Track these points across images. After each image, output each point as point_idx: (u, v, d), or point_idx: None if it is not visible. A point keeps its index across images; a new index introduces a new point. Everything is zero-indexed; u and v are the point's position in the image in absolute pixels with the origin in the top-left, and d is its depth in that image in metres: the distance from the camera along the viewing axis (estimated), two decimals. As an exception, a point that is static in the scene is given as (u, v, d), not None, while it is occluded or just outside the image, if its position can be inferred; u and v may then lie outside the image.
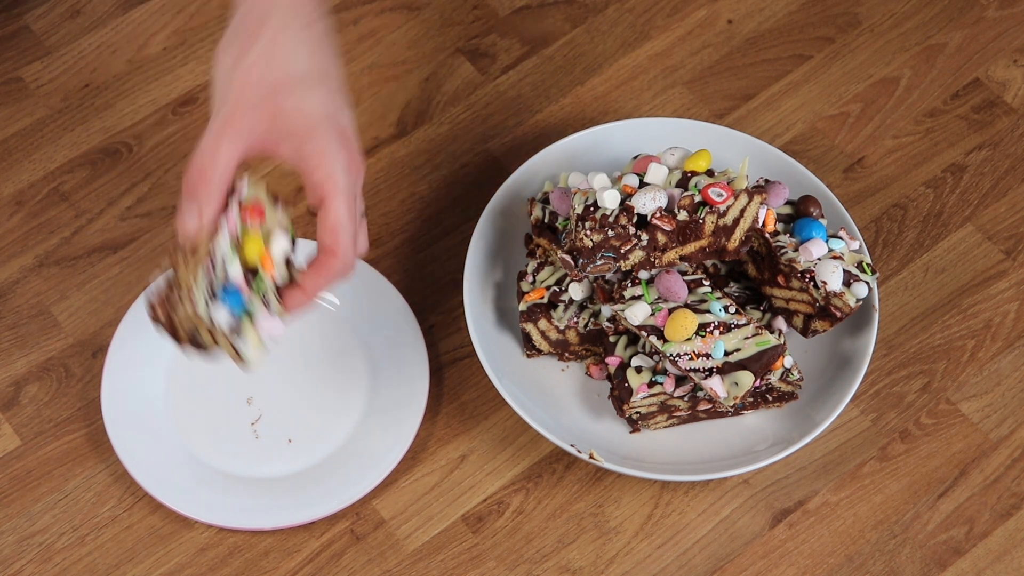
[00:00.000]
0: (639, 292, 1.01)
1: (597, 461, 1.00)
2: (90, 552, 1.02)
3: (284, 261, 0.94)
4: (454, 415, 1.07)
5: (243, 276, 0.91)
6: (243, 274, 0.91)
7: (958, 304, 1.12)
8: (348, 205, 0.91)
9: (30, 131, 1.18)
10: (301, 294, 0.92)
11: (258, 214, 0.93)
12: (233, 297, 0.90)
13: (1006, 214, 1.16)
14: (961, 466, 1.06)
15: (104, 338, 1.10)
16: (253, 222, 0.92)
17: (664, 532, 1.03)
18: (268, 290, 0.92)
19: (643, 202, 0.98)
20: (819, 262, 1.01)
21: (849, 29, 1.24)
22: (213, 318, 0.90)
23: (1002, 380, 1.09)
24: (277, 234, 0.93)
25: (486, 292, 1.09)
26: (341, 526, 1.03)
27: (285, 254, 0.94)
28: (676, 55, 1.23)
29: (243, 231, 0.92)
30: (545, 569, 1.02)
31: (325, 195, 0.90)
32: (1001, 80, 1.21)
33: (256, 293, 0.92)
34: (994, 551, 1.03)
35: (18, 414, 1.07)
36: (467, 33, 1.24)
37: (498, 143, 1.19)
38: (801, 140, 1.19)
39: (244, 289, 0.91)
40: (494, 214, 1.10)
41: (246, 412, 1.06)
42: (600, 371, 1.07)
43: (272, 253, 0.93)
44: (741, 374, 0.98)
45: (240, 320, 0.91)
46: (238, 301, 0.91)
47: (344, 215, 0.90)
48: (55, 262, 1.13)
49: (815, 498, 1.05)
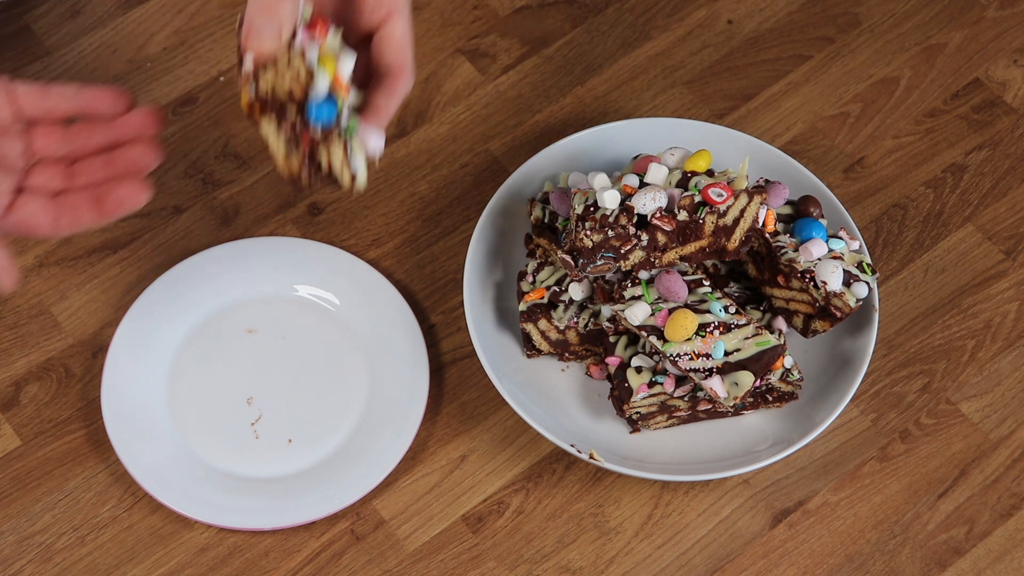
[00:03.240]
0: (639, 292, 1.01)
1: (597, 461, 1.00)
2: (90, 552, 1.02)
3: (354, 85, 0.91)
4: (454, 415, 1.08)
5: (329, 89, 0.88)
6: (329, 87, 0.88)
7: (958, 304, 1.12)
8: (409, 20, 0.90)
9: (30, 131, 1.18)
10: (375, 117, 0.91)
11: (325, 27, 0.89)
12: (329, 108, 0.87)
13: (1006, 214, 1.16)
14: (961, 466, 1.06)
15: (104, 338, 1.10)
16: (321, 36, 0.89)
17: (664, 532, 1.04)
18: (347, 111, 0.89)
19: (643, 202, 0.98)
20: (819, 262, 1.01)
21: (849, 29, 1.24)
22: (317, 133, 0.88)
23: (1002, 380, 1.09)
24: (343, 56, 0.89)
25: (486, 292, 1.09)
26: (341, 526, 1.03)
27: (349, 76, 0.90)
28: (676, 55, 1.23)
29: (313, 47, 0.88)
30: (545, 569, 1.02)
31: (390, 10, 0.90)
32: (1001, 80, 1.21)
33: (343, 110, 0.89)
34: (994, 551, 1.03)
35: (18, 414, 1.07)
36: (467, 33, 1.24)
37: (498, 143, 1.19)
38: (801, 140, 1.19)
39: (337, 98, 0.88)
40: (494, 214, 1.10)
41: (246, 412, 1.06)
42: (600, 371, 1.07)
43: (343, 73, 0.89)
44: (741, 374, 0.98)
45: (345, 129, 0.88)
46: (333, 109, 0.87)
47: (408, 31, 0.90)
48: (55, 262, 1.13)
49: (815, 498, 1.05)
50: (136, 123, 0.89)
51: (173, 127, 1.19)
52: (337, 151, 0.88)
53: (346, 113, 0.88)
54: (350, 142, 0.88)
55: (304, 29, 0.88)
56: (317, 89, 0.87)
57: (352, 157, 0.88)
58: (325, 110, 0.87)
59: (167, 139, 1.18)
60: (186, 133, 1.18)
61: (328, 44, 0.89)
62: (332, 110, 0.87)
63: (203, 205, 1.16)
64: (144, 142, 0.89)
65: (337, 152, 0.88)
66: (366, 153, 0.89)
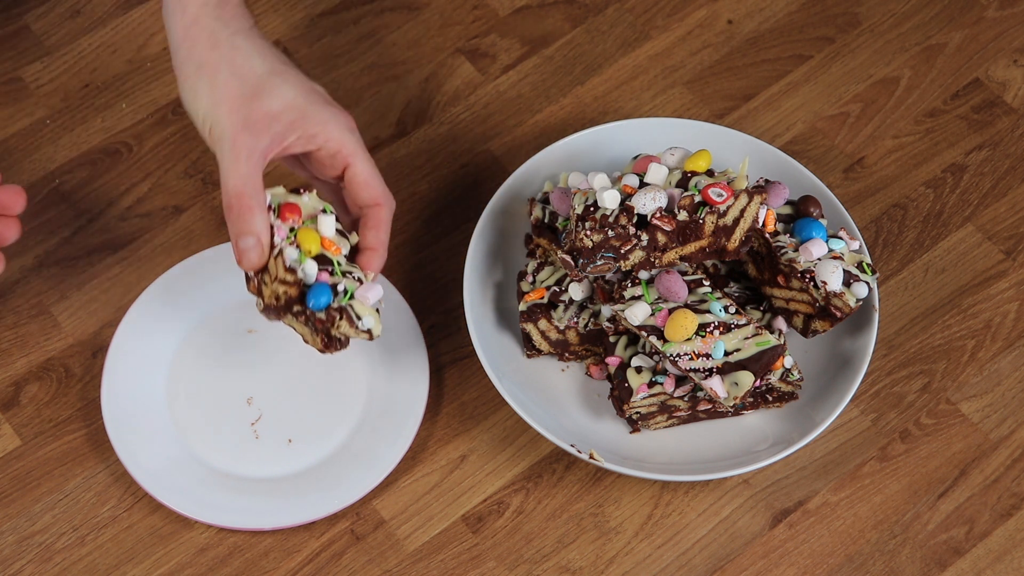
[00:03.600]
0: (639, 292, 1.01)
1: (597, 461, 1.00)
2: (90, 552, 1.02)
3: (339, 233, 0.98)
4: (454, 415, 1.08)
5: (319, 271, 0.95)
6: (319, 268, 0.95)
7: (958, 304, 1.12)
8: (367, 158, 0.97)
9: (30, 131, 1.18)
10: (372, 253, 0.97)
11: (294, 211, 0.96)
12: (323, 293, 0.94)
13: (1006, 214, 1.16)
14: (961, 466, 1.06)
15: (104, 338, 1.10)
16: (296, 220, 0.96)
17: (664, 532, 1.04)
18: (345, 266, 0.96)
19: (643, 202, 0.98)
20: (819, 262, 1.01)
21: (849, 29, 1.24)
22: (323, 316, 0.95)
23: (1002, 380, 1.09)
24: (320, 218, 0.96)
25: (486, 292, 1.09)
26: (341, 526, 1.03)
27: (336, 228, 0.97)
28: (676, 55, 1.23)
29: (293, 234, 0.95)
30: (545, 569, 1.02)
31: (346, 159, 0.96)
32: (1001, 80, 1.21)
33: (338, 275, 0.95)
34: (994, 551, 1.03)
35: (18, 414, 1.07)
36: (467, 33, 1.24)
37: (498, 143, 1.19)
38: (801, 140, 1.19)
39: (327, 279, 0.94)
40: (494, 214, 1.10)
41: (246, 412, 1.06)
42: (600, 371, 1.07)
43: (326, 235, 0.96)
44: (741, 374, 0.98)
45: (344, 305, 0.94)
46: (327, 292, 0.94)
47: (369, 167, 0.97)
48: (55, 262, 1.13)
49: (815, 498, 1.05)
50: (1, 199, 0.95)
51: (173, 127, 1.19)
52: (344, 324, 0.94)
53: (342, 286, 0.95)
54: (353, 309, 0.94)
55: (279, 222, 0.95)
56: (308, 279, 0.95)
57: (360, 322, 0.94)
58: (320, 297, 0.94)
59: (168, 139, 1.18)
60: (186, 133, 1.18)
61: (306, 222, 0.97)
62: (326, 293, 0.94)
63: (203, 205, 1.16)
64: (6, 217, 0.95)
65: (344, 325, 0.94)
66: (370, 306, 0.95)
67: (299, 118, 0.95)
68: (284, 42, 1.23)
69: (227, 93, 0.95)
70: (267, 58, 0.97)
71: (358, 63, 1.22)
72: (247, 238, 0.94)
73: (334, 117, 0.96)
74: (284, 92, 0.95)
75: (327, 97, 0.98)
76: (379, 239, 0.97)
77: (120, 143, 1.18)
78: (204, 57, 0.96)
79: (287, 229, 0.96)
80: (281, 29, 1.23)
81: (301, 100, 0.95)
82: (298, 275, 0.94)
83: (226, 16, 0.97)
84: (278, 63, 0.97)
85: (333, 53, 1.23)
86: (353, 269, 0.96)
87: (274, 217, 0.96)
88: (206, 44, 0.96)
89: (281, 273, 0.95)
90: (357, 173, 0.97)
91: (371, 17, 1.24)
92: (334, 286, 0.95)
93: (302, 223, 0.96)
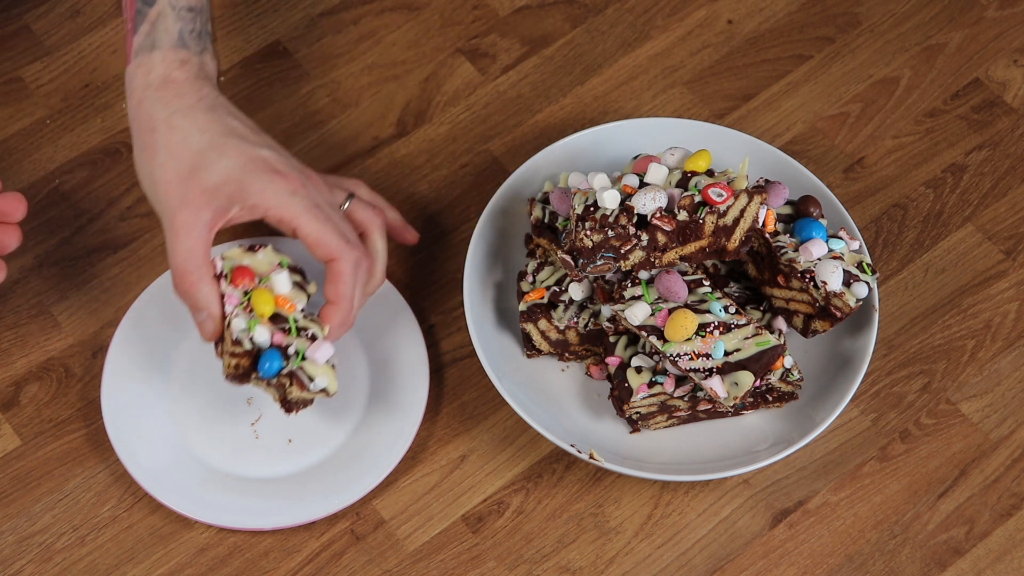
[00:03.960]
0: (639, 292, 1.01)
1: (597, 461, 1.00)
2: (90, 552, 1.02)
3: (297, 286, 0.99)
4: (454, 415, 1.08)
5: (271, 334, 0.96)
6: (271, 331, 0.96)
7: (958, 304, 1.12)
8: (315, 215, 0.97)
9: (30, 131, 1.18)
10: (332, 307, 0.98)
11: (245, 275, 0.98)
12: (271, 360, 0.96)
13: (1006, 214, 1.16)
14: (961, 466, 1.06)
15: (104, 338, 1.10)
16: (248, 284, 0.98)
17: (664, 532, 1.04)
18: (302, 322, 0.97)
19: (643, 202, 0.98)
20: (819, 262, 1.01)
21: (849, 29, 1.24)
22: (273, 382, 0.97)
23: (1002, 380, 1.09)
24: (273, 277, 0.98)
25: (486, 292, 1.09)
26: (341, 526, 1.03)
27: (293, 282, 0.99)
28: (676, 55, 1.23)
29: (247, 298, 0.97)
30: (545, 569, 1.02)
31: (291, 223, 0.97)
32: (1001, 80, 1.21)
33: (294, 334, 0.96)
34: (994, 551, 1.03)
35: (18, 414, 1.07)
36: (467, 33, 1.24)
37: (498, 143, 1.19)
38: (801, 140, 1.19)
39: (280, 341, 0.96)
40: (494, 214, 1.10)
41: (246, 412, 1.06)
42: (600, 371, 1.07)
43: (281, 292, 0.98)
44: (741, 374, 0.98)
45: (294, 369, 0.96)
46: (277, 358, 0.96)
47: (317, 226, 0.97)
48: (55, 262, 1.13)
49: (815, 498, 1.05)
50: (1, 207, 0.96)
51: (173, 127, 1.19)
52: (296, 389, 0.96)
53: (293, 347, 0.96)
54: (305, 371, 0.96)
55: (231, 289, 0.97)
56: (262, 345, 0.96)
57: (313, 383, 0.96)
58: (270, 365, 0.96)
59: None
60: (186, 133, 1.18)
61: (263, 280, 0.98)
62: (275, 358, 0.96)
63: (203, 205, 1.16)
64: (7, 225, 0.96)
65: (295, 390, 0.96)
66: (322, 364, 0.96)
67: (237, 190, 0.97)
68: (284, 42, 1.23)
69: (163, 175, 0.97)
70: (207, 132, 0.98)
71: (358, 63, 1.22)
72: (198, 313, 0.97)
73: (272, 184, 0.97)
74: (221, 166, 0.97)
75: (271, 162, 0.98)
76: (338, 292, 0.97)
77: (120, 143, 1.18)
78: (144, 140, 0.99)
79: (239, 295, 0.97)
80: (281, 29, 1.23)
81: (238, 172, 0.97)
82: (245, 345, 0.96)
83: (167, 96, 0.99)
84: (218, 136, 0.98)
85: (333, 53, 1.23)
86: (310, 325, 0.97)
87: (226, 284, 0.97)
88: (146, 127, 0.99)
89: (229, 346, 0.96)
90: (306, 235, 0.97)
91: (371, 17, 1.24)
92: (286, 348, 0.96)
93: (257, 283, 0.98)
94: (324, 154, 1.18)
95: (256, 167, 0.97)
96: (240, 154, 0.98)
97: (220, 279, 0.98)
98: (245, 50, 1.23)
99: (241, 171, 0.97)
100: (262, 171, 0.97)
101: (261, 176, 0.97)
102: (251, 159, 0.98)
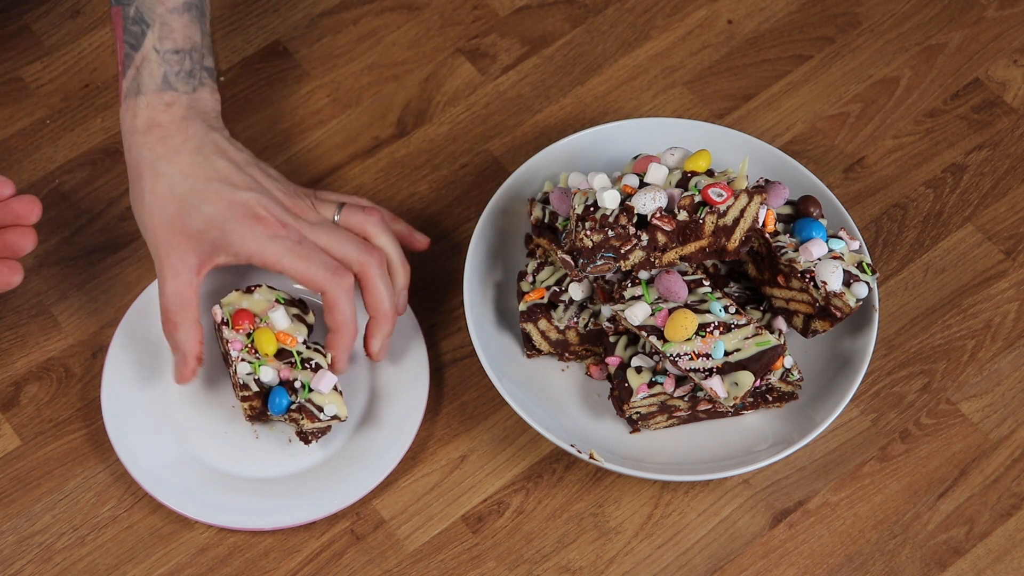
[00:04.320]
0: (639, 292, 1.01)
1: (597, 461, 1.00)
2: (90, 552, 1.02)
3: (296, 318, 1.03)
4: (454, 415, 1.08)
5: (277, 371, 1.01)
6: (276, 368, 1.00)
7: (958, 304, 1.12)
8: (295, 256, 1.00)
9: (30, 131, 1.19)
10: (332, 335, 1.01)
11: (245, 318, 1.01)
12: (279, 397, 1.00)
13: (1006, 214, 1.16)
14: (961, 466, 1.06)
15: (104, 338, 1.10)
16: (249, 326, 1.01)
17: (664, 532, 1.04)
18: (305, 354, 1.01)
19: (643, 202, 0.98)
20: (819, 262, 1.01)
21: (849, 29, 1.24)
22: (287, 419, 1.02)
23: (1002, 380, 1.09)
24: (271, 314, 1.01)
25: (486, 292, 1.09)
26: (341, 526, 1.03)
27: (291, 315, 1.02)
28: (676, 55, 1.23)
29: (249, 340, 1.01)
30: (545, 569, 1.02)
31: (276, 267, 1.00)
32: (1001, 80, 1.21)
33: (299, 367, 1.00)
34: (994, 551, 1.03)
35: (18, 414, 1.07)
36: (467, 33, 1.24)
37: (498, 143, 1.19)
38: (801, 140, 1.19)
39: (288, 376, 1.00)
40: (494, 214, 1.10)
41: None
42: (600, 371, 1.07)
43: (281, 328, 1.02)
44: (741, 374, 0.98)
45: (301, 402, 0.99)
46: (283, 395, 1.00)
47: (299, 264, 0.99)
48: (55, 262, 1.13)
49: (815, 498, 1.05)
50: (17, 209, 0.96)
51: (173, 127, 1.19)
52: (307, 421, 1.00)
53: (299, 381, 0.99)
54: (313, 403, 1.00)
55: (233, 333, 1.01)
56: (269, 385, 1.00)
57: (323, 413, 1.00)
58: (279, 402, 1.00)
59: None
60: (186, 133, 1.18)
61: (263, 319, 1.02)
62: (283, 396, 1.00)
63: (203, 205, 1.16)
64: (23, 227, 0.97)
65: (306, 422, 1.00)
66: (327, 393, 0.99)
67: (220, 236, 1.00)
68: (284, 42, 1.23)
69: (151, 221, 1.01)
70: (190, 177, 1.01)
71: (358, 63, 1.22)
72: (175, 352, 1.02)
73: (252, 232, 1.00)
74: (204, 212, 1.00)
75: (251, 207, 1.00)
76: (335, 320, 1.00)
77: (120, 143, 1.18)
78: (134, 185, 1.02)
79: (243, 338, 1.01)
80: (281, 29, 1.23)
81: (220, 219, 1.00)
82: (252, 388, 0.99)
83: (152, 141, 1.02)
84: (201, 181, 1.01)
85: (333, 53, 1.23)
86: (313, 355, 1.01)
87: (228, 330, 1.01)
88: (134, 174, 1.02)
89: (239, 391, 1.01)
90: (292, 275, 1.00)
91: (371, 17, 1.24)
92: (293, 382, 1.00)
93: (258, 324, 1.01)
94: (324, 154, 1.18)
95: (236, 213, 1.00)
96: (221, 199, 1.00)
97: (223, 326, 1.01)
98: (245, 50, 1.23)
99: (223, 218, 1.00)
100: (242, 218, 1.00)
101: (241, 224, 1.00)
102: (231, 204, 1.00)
